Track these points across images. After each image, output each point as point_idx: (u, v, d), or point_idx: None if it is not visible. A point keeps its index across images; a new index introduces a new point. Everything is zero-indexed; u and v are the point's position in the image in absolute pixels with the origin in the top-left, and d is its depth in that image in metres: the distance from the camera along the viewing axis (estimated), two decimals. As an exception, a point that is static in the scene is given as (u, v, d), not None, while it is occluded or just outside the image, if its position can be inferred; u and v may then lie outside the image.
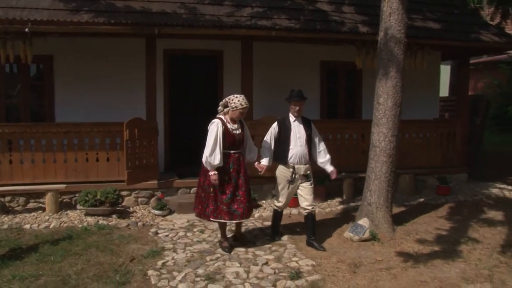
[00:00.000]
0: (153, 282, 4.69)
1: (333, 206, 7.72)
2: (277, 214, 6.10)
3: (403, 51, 6.30)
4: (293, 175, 5.72)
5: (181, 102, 10.64)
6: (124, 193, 7.45)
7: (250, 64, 7.97)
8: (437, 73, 10.60)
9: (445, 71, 15.17)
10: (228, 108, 5.50)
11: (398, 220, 6.70)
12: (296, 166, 5.71)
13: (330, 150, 6.17)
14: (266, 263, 5.21)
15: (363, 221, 6.15)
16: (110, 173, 7.50)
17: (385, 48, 6.29)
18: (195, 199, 5.77)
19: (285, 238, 6.10)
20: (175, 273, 4.90)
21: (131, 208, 7.40)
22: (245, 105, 5.45)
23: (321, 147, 5.93)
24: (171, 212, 7.25)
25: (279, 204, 5.96)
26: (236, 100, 5.43)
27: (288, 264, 5.21)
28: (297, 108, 5.77)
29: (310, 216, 5.82)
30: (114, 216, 6.92)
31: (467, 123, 9.74)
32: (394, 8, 6.20)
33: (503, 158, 12.25)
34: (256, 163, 5.75)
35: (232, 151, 5.50)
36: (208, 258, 5.36)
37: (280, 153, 5.78)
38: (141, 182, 7.47)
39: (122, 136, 7.21)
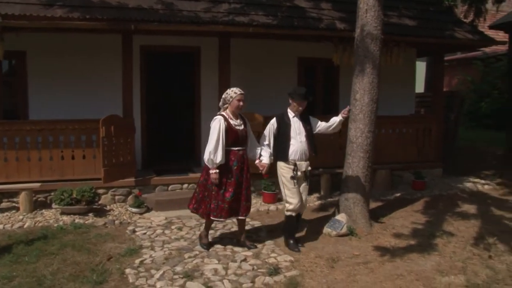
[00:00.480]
0: (130, 280, 4.65)
1: (311, 202, 7.76)
2: (292, 220, 5.66)
3: (380, 47, 6.35)
4: (295, 172, 5.54)
5: (159, 99, 10.58)
6: (100, 191, 7.35)
7: (227, 60, 7.95)
8: (413, 69, 10.73)
9: (421, 67, 15.37)
10: (227, 105, 5.40)
11: (375, 215, 6.78)
12: (298, 163, 5.55)
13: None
14: (245, 260, 5.22)
15: (341, 217, 6.20)
16: (86, 171, 7.39)
17: (361, 44, 6.33)
18: (193, 198, 5.59)
19: (263, 234, 6.11)
20: (153, 271, 4.87)
21: (108, 206, 7.31)
22: (239, 92, 5.34)
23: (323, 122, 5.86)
24: (148, 210, 7.19)
25: (291, 206, 5.57)
26: (230, 91, 5.38)
27: (266, 260, 5.22)
28: (300, 108, 5.62)
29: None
30: (90, 214, 6.83)
31: (442, 119, 9.90)
32: (371, 5, 6.25)
33: (477, 153, 12.49)
34: (257, 161, 5.59)
35: (235, 148, 5.36)
36: (186, 256, 5.34)
37: (280, 150, 5.59)
38: (118, 180, 7.37)
39: (98, 133, 7.09)
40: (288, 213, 5.61)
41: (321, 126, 5.83)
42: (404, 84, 10.36)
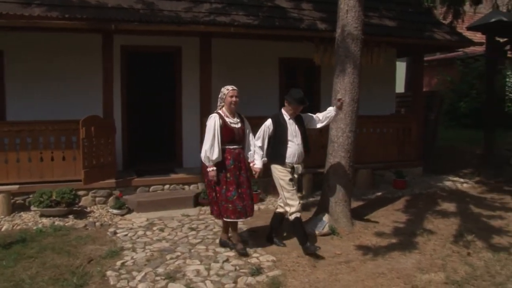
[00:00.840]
0: (112, 283, 4.60)
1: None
2: (300, 221, 5.46)
3: (360, 47, 6.40)
4: (293, 175, 5.45)
5: (140, 99, 10.49)
6: (81, 192, 7.26)
7: (208, 60, 7.93)
8: (393, 69, 10.85)
9: (401, 67, 15.54)
10: (222, 103, 5.34)
11: (356, 214, 6.83)
12: (295, 166, 5.47)
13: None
14: (227, 260, 5.20)
15: (323, 216, 6.23)
16: (66, 172, 7.30)
17: (342, 45, 6.37)
18: (211, 201, 5.49)
19: (245, 234, 6.11)
20: (134, 273, 4.83)
21: (88, 208, 7.23)
22: (231, 88, 5.26)
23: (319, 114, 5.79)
24: (130, 211, 7.13)
25: (294, 208, 5.38)
26: (223, 89, 5.32)
27: (249, 260, 5.22)
28: (296, 112, 5.53)
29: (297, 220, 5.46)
30: (70, 216, 6.74)
31: (422, 118, 10.02)
32: (351, 6, 6.29)
33: (456, 152, 12.65)
34: (251, 164, 5.50)
35: (231, 147, 5.28)
36: (168, 257, 5.30)
37: (277, 152, 5.43)
38: (98, 181, 7.30)
39: (78, 134, 7.00)
40: (293, 216, 5.39)
41: (318, 119, 5.74)
42: (384, 84, 10.46)
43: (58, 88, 8.06)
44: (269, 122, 5.52)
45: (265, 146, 5.50)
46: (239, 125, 5.34)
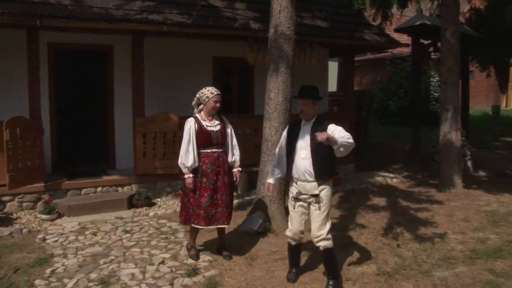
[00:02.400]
0: (40, 291, 4.41)
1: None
2: (289, 248, 4.77)
3: (293, 47, 6.50)
4: (297, 194, 4.53)
5: (70, 99, 10.10)
6: (6, 198, 6.86)
7: (141, 59, 7.76)
8: (326, 69, 11.13)
9: (333, 67, 15.97)
10: (202, 106, 5.13)
11: (292, 211, 6.93)
12: (299, 183, 4.47)
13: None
14: (163, 262, 5.13)
15: (258, 215, 6.27)
16: (-11, 177, 6.90)
17: (275, 44, 6.45)
18: (181, 206, 5.31)
19: (181, 235, 6.05)
20: (65, 280, 4.65)
21: (14, 214, 6.85)
22: (216, 93, 5.05)
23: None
24: (60, 216, 6.85)
25: (288, 233, 4.68)
26: (206, 91, 5.07)
27: (185, 261, 5.17)
28: (299, 108, 4.53)
29: (320, 251, 4.49)
30: (-6, 224, 6.39)
31: (353, 116, 10.34)
32: (284, 6, 6.37)
33: (386, 148, 13.23)
34: (234, 169, 5.26)
35: (208, 150, 5.05)
36: (101, 261, 5.14)
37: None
38: (25, 185, 6.93)
39: (1, 136, 6.62)
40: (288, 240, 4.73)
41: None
42: (317, 83, 10.46)
43: (-21, 87, 7.60)
44: (286, 129, 4.82)
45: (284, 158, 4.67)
46: (217, 128, 5.11)
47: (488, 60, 16.71)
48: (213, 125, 5.10)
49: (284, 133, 4.73)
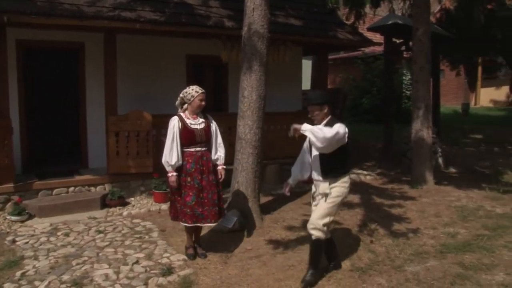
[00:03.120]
0: (10, 294, 4.31)
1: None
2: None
3: (266, 45, 6.51)
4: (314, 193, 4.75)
5: (41, 98, 9.89)
6: (-27, 199, 6.71)
7: (113, 57, 7.65)
8: (299, 67, 11.19)
9: (307, 65, 16.06)
10: (186, 105, 5.10)
11: (266, 209, 6.96)
12: (315, 183, 4.66)
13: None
14: (137, 262, 5.08)
15: (232, 213, 6.26)
16: (-45, 178, 6.71)
17: (248, 42, 6.45)
18: (170, 203, 5.33)
19: (155, 234, 6.00)
20: (36, 283, 4.56)
21: (-17, 216, 6.70)
22: (200, 91, 5.05)
23: None
24: (31, 217, 6.71)
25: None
26: (190, 90, 5.06)
27: (159, 261, 5.13)
28: (309, 116, 4.64)
29: (311, 240, 4.57)
30: (-38, 226, 6.22)
31: (327, 114, 10.39)
32: (257, 4, 6.38)
33: (359, 146, 13.35)
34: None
35: (192, 149, 5.03)
36: (74, 263, 5.06)
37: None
38: (-6, 186, 6.79)
39: (-31, 136, 6.46)
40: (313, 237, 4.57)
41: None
42: (291, 82, 10.76)
43: None
44: None
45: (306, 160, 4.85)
46: (202, 126, 5.09)
47: (458, 59, 17.06)
48: (197, 123, 5.09)
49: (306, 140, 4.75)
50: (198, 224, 5.14)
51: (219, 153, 5.27)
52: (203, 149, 5.12)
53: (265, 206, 7.12)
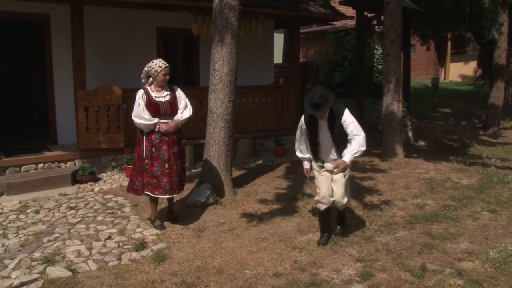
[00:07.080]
0: (-22, 274, 4.24)
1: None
2: (321, 214, 5.03)
3: (238, 18, 6.43)
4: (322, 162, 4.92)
5: (5, 72, 9.60)
6: None
7: (81, 30, 7.41)
8: (271, 40, 11.12)
9: (279, 39, 15.97)
10: (151, 78, 5.14)
11: (238, 183, 6.99)
12: (325, 164, 4.88)
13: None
14: (109, 237, 5.06)
15: (205, 186, 6.28)
16: None
17: (220, 15, 6.35)
18: (130, 176, 5.41)
19: (127, 209, 5.97)
20: (6, 261, 4.48)
21: None
22: (164, 66, 5.09)
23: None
24: (-1, 195, 6.59)
25: (317, 198, 4.98)
26: (154, 65, 5.09)
27: (132, 236, 5.12)
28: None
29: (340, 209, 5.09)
30: None
31: (299, 87, 10.43)
32: (229, -24, 6.27)
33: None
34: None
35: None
36: (45, 240, 5.00)
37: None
38: (-41, 164, 6.61)
39: None
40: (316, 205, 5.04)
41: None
42: (263, 55, 10.69)
43: None
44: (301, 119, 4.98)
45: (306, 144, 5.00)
46: (167, 99, 5.19)
47: (428, 34, 17.22)
48: (161, 96, 5.18)
49: (303, 127, 4.90)
50: (165, 196, 5.28)
51: (183, 114, 5.30)
52: (167, 121, 5.19)
53: (238, 179, 7.15)
